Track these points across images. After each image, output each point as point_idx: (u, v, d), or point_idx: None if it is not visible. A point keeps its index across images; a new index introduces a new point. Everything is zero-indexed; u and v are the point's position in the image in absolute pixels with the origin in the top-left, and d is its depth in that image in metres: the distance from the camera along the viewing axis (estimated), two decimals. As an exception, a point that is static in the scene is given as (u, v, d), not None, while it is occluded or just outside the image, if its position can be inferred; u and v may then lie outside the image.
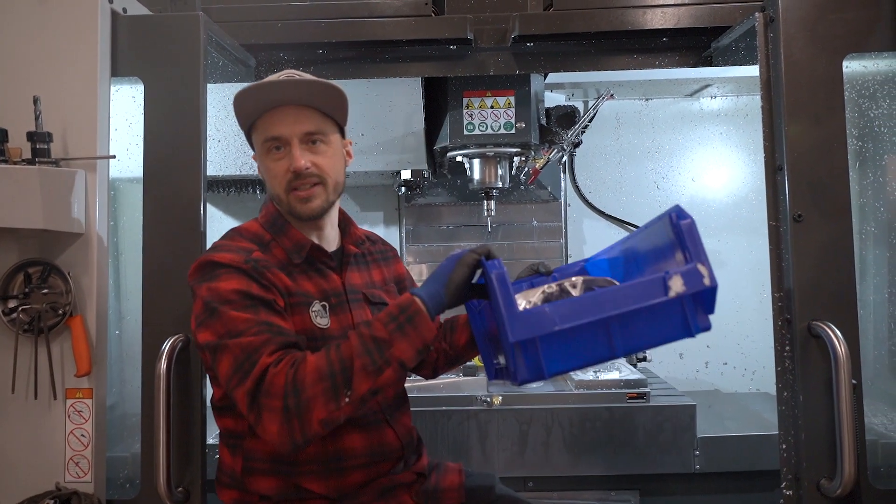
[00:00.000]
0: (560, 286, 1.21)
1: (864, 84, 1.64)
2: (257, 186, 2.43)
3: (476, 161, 2.27)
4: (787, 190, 1.52)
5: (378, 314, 1.19)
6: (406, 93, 2.16)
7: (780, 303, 1.54)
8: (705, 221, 2.57)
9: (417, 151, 2.21)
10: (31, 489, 1.48)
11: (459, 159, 2.29)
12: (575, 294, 1.19)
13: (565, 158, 2.57)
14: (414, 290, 1.19)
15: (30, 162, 1.45)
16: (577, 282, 1.21)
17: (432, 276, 1.20)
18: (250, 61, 1.99)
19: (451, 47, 1.98)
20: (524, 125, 2.16)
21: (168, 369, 1.45)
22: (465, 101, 2.16)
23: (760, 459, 1.89)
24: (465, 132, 2.16)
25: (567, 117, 2.32)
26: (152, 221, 1.57)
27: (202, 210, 1.57)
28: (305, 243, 1.34)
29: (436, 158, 2.34)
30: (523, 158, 2.31)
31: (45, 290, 1.50)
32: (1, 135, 1.45)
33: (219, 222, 2.55)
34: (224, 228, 1.40)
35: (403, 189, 2.43)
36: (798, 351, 1.49)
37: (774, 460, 1.54)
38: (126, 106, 1.64)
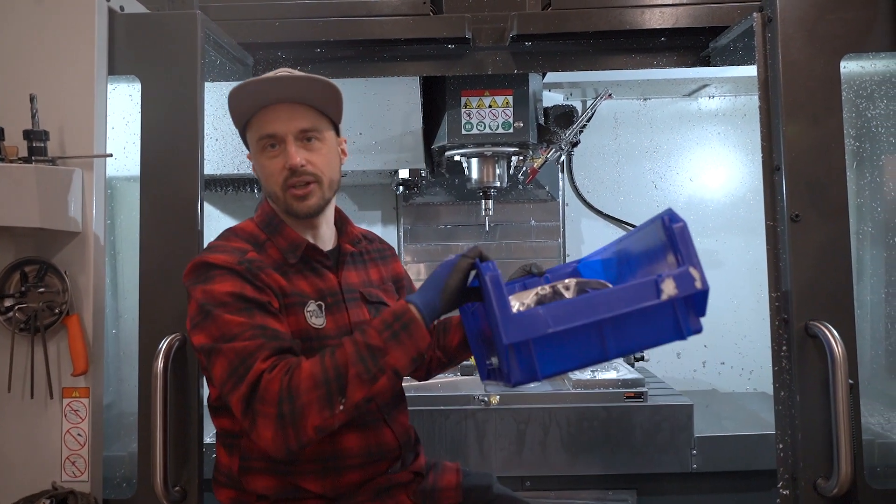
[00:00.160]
0: (553, 288, 1.21)
1: (862, 84, 1.64)
2: (255, 185, 2.42)
3: (474, 160, 2.27)
4: (785, 190, 1.52)
5: (373, 320, 1.18)
6: (404, 92, 2.16)
7: (778, 303, 1.54)
8: (703, 221, 2.58)
9: (415, 151, 2.21)
10: (28, 488, 1.48)
11: (457, 158, 2.28)
12: (568, 296, 1.20)
13: (563, 158, 2.57)
14: (409, 297, 1.18)
15: (26, 160, 1.45)
16: (570, 284, 1.22)
17: (427, 283, 1.20)
18: (248, 60, 1.99)
19: (450, 46, 1.98)
20: (522, 125, 2.16)
21: (165, 368, 1.45)
22: (464, 101, 2.16)
23: (757, 459, 1.89)
24: (464, 131, 2.16)
25: (565, 117, 2.32)
26: (149, 220, 1.57)
27: (199, 209, 1.57)
28: (301, 243, 1.33)
29: (434, 158, 2.34)
30: (521, 158, 2.31)
31: (42, 289, 1.50)
32: (-3, 133, 1.44)
33: (216, 221, 2.54)
34: (221, 227, 1.40)
35: (401, 188, 2.42)
36: (795, 351, 1.49)
37: (771, 460, 1.55)
38: (123, 104, 1.63)
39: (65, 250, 1.51)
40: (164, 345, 1.47)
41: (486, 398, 1.94)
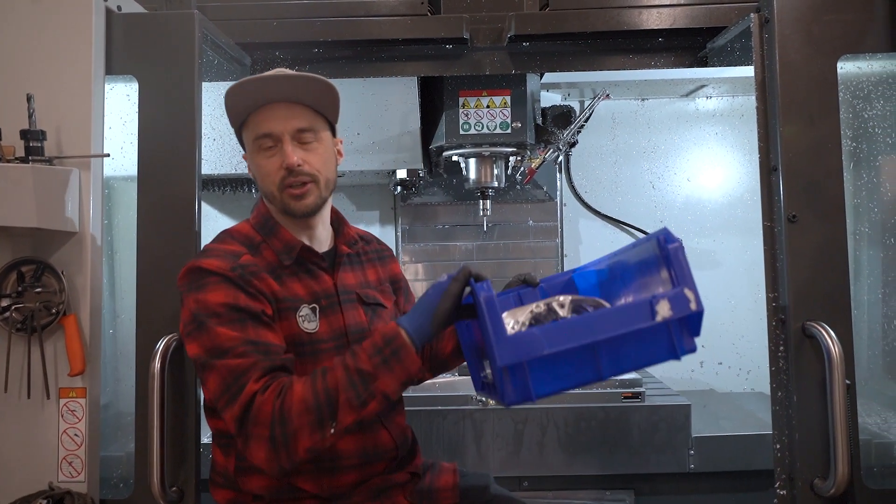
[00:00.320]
0: (548, 305, 1.21)
1: (859, 85, 1.64)
2: (252, 185, 2.42)
3: (472, 161, 2.27)
4: (782, 190, 1.52)
5: (364, 342, 1.18)
6: (402, 92, 2.16)
7: (775, 303, 1.54)
8: (700, 221, 2.59)
9: (413, 151, 2.21)
10: (24, 489, 1.47)
11: (455, 159, 2.28)
12: (563, 314, 1.20)
13: (561, 158, 2.57)
14: (399, 321, 1.18)
15: (23, 160, 1.44)
16: (566, 301, 1.21)
17: (418, 306, 1.19)
18: (246, 60, 1.99)
19: (448, 47, 1.98)
20: (520, 125, 2.16)
21: (162, 369, 1.45)
22: (461, 101, 2.16)
23: (755, 459, 1.90)
24: (461, 132, 2.16)
25: (563, 117, 2.32)
26: (147, 220, 1.56)
27: (197, 209, 1.57)
28: (295, 244, 1.33)
29: (432, 158, 2.34)
30: (519, 158, 2.31)
31: (39, 289, 1.49)
32: (-6, 133, 1.44)
33: (214, 221, 2.54)
34: (219, 227, 1.39)
35: (399, 188, 2.42)
36: (792, 351, 1.50)
37: (769, 460, 1.55)
38: (120, 104, 1.63)
39: (62, 250, 1.51)
40: (162, 345, 1.47)
41: (484, 398, 1.94)
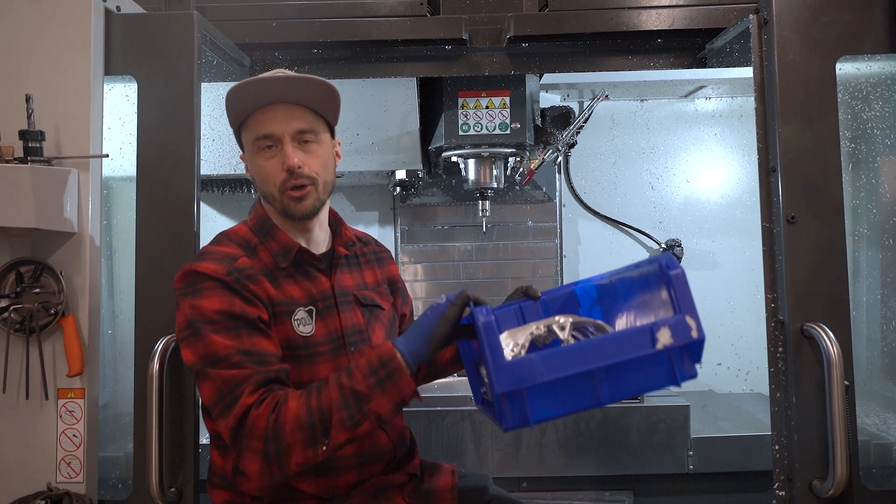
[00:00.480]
0: (548, 327, 1.20)
1: (857, 86, 1.64)
2: (251, 186, 2.42)
3: (471, 161, 2.27)
4: (781, 191, 1.53)
5: (360, 361, 1.18)
6: (401, 93, 2.16)
7: (773, 304, 1.54)
8: (699, 222, 2.59)
9: (412, 151, 2.21)
10: (23, 489, 1.47)
11: (454, 159, 2.28)
12: (563, 336, 1.19)
13: (560, 159, 2.57)
14: (396, 343, 1.18)
15: (22, 160, 1.44)
16: (566, 323, 1.21)
17: (415, 328, 1.19)
18: (245, 60, 1.99)
19: (447, 47, 1.98)
20: (519, 126, 2.16)
21: (161, 370, 1.45)
22: (461, 102, 2.17)
23: (754, 460, 1.90)
24: (461, 132, 2.17)
25: (562, 118, 2.32)
26: (146, 221, 1.56)
27: (196, 209, 1.57)
28: (292, 247, 1.33)
29: (431, 158, 2.34)
30: (518, 159, 2.31)
31: (37, 290, 1.49)
32: (-7, 133, 1.44)
33: (213, 222, 2.54)
34: (218, 228, 1.39)
35: (398, 189, 2.42)
36: (791, 352, 1.50)
37: (768, 461, 1.55)
38: (119, 105, 1.63)
39: (60, 251, 1.51)
40: (160, 346, 1.47)
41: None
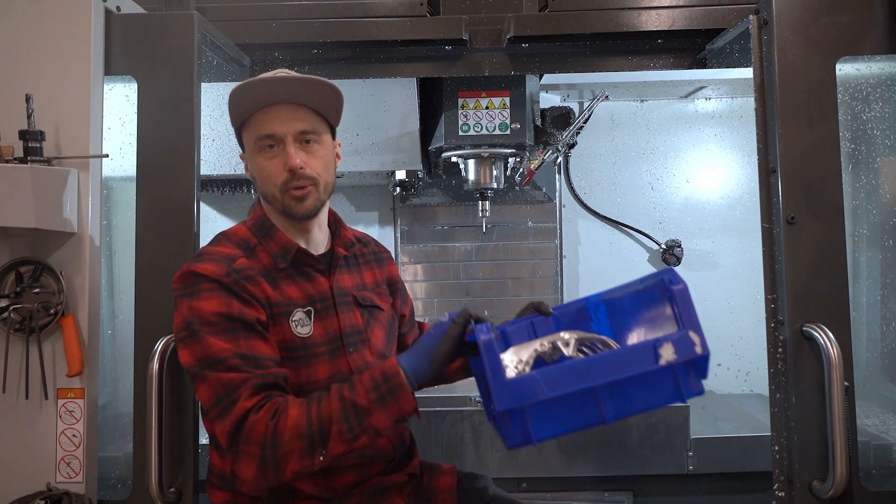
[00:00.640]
0: (553, 343, 1.20)
1: (857, 87, 1.64)
2: (251, 186, 2.42)
3: (471, 162, 2.27)
4: (781, 192, 1.52)
5: (362, 376, 1.18)
6: (401, 93, 2.16)
7: (773, 305, 1.54)
8: (699, 223, 2.59)
9: (412, 152, 2.21)
10: (22, 489, 1.47)
11: (454, 160, 2.28)
12: (567, 352, 1.19)
13: (560, 159, 2.58)
14: (400, 359, 1.18)
15: (21, 160, 1.44)
16: (571, 339, 1.20)
17: (418, 346, 1.20)
18: (245, 60, 1.99)
19: (447, 48, 1.98)
20: (519, 126, 2.16)
21: (160, 370, 1.45)
22: (461, 102, 2.17)
23: (753, 461, 1.90)
24: (460, 133, 2.17)
25: (562, 118, 2.32)
26: (145, 221, 1.56)
27: (196, 209, 1.57)
28: (291, 247, 1.33)
29: (431, 159, 2.34)
30: (518, 159, 2.31)
31: (37, 290, 1.49)
32: (-7, 133, 1.44)
33: (213, 222, 2.54)
34: (218, 228, 1.39)
35: (398, 189, 2.42)
36: (791, 353, 1.50)
37: (767, 462, 1.55)
38: (119, 105, 1.63)
39: (60, 251, 1.51)
40: (160, 346, 1.46)
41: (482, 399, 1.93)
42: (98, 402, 1.54)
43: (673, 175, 2.60)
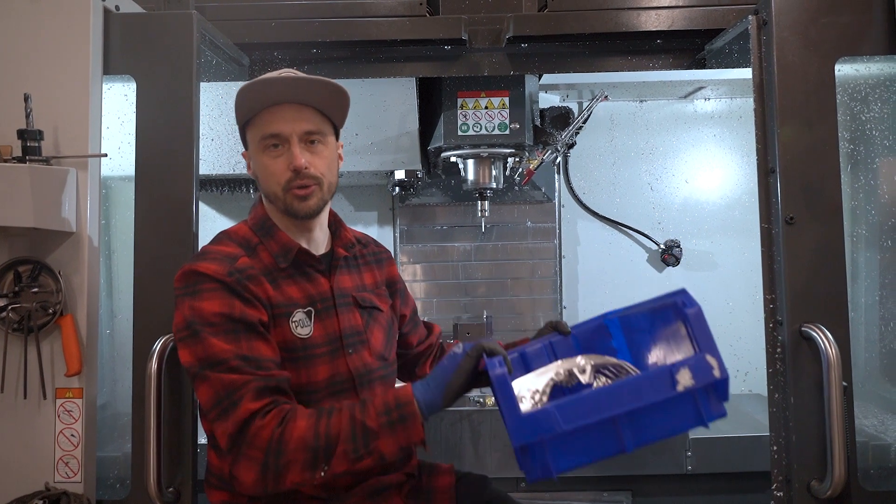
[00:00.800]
0: (569, 371, 1.19)
1: (856, 87, 1.64)
2: (250, 186, 2.42)
3: (470, 161, 2.27)
4: (780, 192, 1.53)
5: (375, 399, 1.18)
6: (400, 93, 2.16)
7: (772, 305, 1.55)
8: (698, 223, 2.59)
9: (412, 151, 2.21)
10: (20, 489, 1.47)
11: (454, 160, 2.28)
12: (584, 379, 1.18)
13: (559, 159, 2.58)
14: (415, 388, 1.18)
15: (20, 160, 1.44)
16: (587, 366, 1.19)
17: (433, 378, 1.19)
18: (244, 60, 1.98)
19: (446, 48, 1.98)
20: (518, 126, 2.16)
21: (159, 370, 1.45)
22: (460, 102, 2.17)
23: (752, 461, 1.90)
24: (460, 132, 2.17)
25: (561, 118, 2.32)
26: (144, 220, 1.56)
27: (195, 209, 1.57)
28: (292, 247, 1.33)
29: (430, 159, 2.34)
30: (517, 159, 2.31)
31: (36, 289, 1.49)
32: (-9, 132, 1.44)
33: (212, 221, 2.54)
34: (217, 228, 1.39)
35: (397, 189, 2.42)
36: (789, 353, 1.50)
37: (766, 462, 1.55)
38: (118, 104, 1.63)
39: (59, 250, 1.51)
40: (158, 346, 1.46)
41: (482, 399, 1.94)
42: (96, 402, 1.54)
43: (672, 175, 2.60)
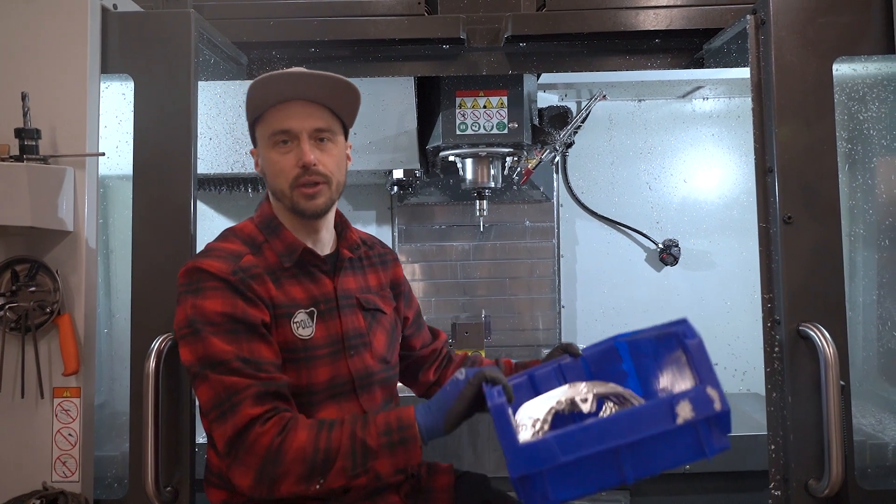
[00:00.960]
0: (570, 400, 1.19)
1: (854, 87, 1.65)
2: (249, 185, 2.42)
3: (468, 161, 2.27)
4: (777, 192, 1.53)
5: (377, 418, 1.18)
6: (399, 92, 2.16)
7: (770, 304, 1.55)
8: (697, 222, 2.59)
9: (410, 151, 2.21)
10: (18, 489, 1.47)
11: (452, 159, 2.28)
12: (585, 409, 1.18)
13: (558, 159, 2.58)
14: (418, 412, 1.18)
15: (17, 159, 1.44)
16: (589, 395, 1.19)
17: (434, 401, 1.19)
18: (242, 59, 1.98)
19: (444, 47, 1.98)
20: (517, 125, 2.16)
21: (157, 369, 1.44)
22: (458, 101, 2.17)
23: (750, 460, 1.90)
24: (458, 132, 2.17)
25: (560, 118, 2.32)
26: (142, 219, 1.56)
27: (192, 208, 1.57)
28: (297, 247, 1.32)
29: (428, 158, 2.34)
30: (516, 158, 2.32)
31: (33, 288, 1.49)
32: (-12, 131, 1.44)
33: (210, 221, 2.54)
34: (215, 227, 1.39)
35: (396, 188, 2.42)
36: (787, 352, 1.50)
37: (763, 461, 1.55)
38: (116, 103, 1.62)
39: (56, 249, 1.51)
40: (156, 345, 1.46)
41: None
42: (94, 401, 1.54)
43: (670, 175, 2.60)
